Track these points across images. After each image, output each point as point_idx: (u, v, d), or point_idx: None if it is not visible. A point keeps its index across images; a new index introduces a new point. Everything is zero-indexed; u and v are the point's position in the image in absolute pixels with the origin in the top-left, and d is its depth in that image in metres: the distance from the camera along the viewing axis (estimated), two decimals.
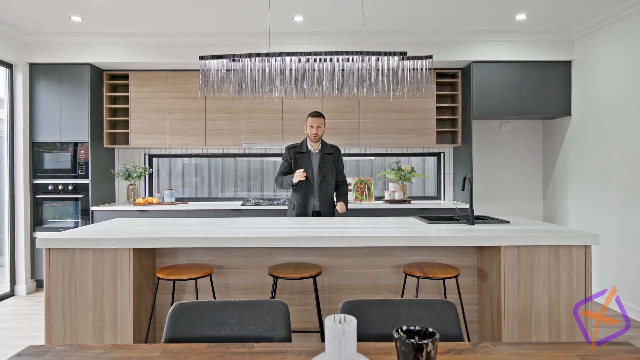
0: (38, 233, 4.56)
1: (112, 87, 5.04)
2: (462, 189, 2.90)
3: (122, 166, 5.15)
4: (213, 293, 2.60)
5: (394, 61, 2.82)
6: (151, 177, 5.25)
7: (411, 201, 4.85)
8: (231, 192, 5.35)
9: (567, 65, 4.60)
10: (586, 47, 4.36)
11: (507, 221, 2.88)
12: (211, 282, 2.57)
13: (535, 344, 1.33)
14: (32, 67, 4.57)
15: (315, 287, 2.46)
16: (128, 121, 4.92)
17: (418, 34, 4.53)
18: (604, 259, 4.10)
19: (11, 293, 4.44)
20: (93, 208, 4.56)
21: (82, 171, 4.60)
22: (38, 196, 4.58)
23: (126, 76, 4.98)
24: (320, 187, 3.44)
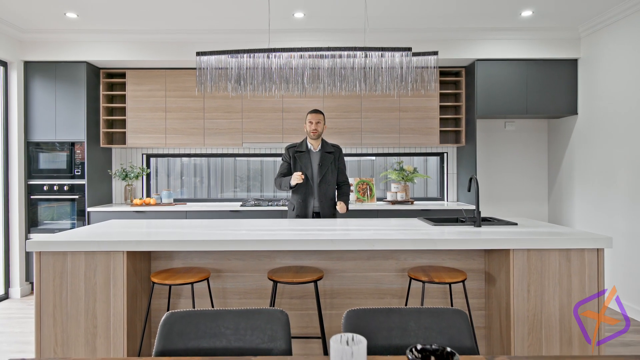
0: (33, 235, 4.46)
1: (109, 86, 4.94)
2: (468, 190, 2.81)
3: (119, 166, 5.06)
4: (210, 298, 2.50)
5: (398, 57, 2.72)
6: (149, 178, 5.15)
7: (414, 202, 4.75)
8: (230, 193, 5.25)
9: (574, 63, 4.50)
10: (593, 45, 4.26)
11: (515, 223, 2.78)
12: (208, 287, 2.48)
13: (554, 358, 1.24)
14: (27, 65, 4.48)
15: (316, 292, 2.36)
16: (125, 120, 4.83)
17: (421, 32, 4.43)
18: (611, 260, 4.00)
19: (5, 296, 4.34)
20: (89, 209, 4.46)
21: (78, 171, 4.50)
22: (33, 197, 4.48)
23: (123, 74, 4.88)
24: (320, 187, 3.35)
